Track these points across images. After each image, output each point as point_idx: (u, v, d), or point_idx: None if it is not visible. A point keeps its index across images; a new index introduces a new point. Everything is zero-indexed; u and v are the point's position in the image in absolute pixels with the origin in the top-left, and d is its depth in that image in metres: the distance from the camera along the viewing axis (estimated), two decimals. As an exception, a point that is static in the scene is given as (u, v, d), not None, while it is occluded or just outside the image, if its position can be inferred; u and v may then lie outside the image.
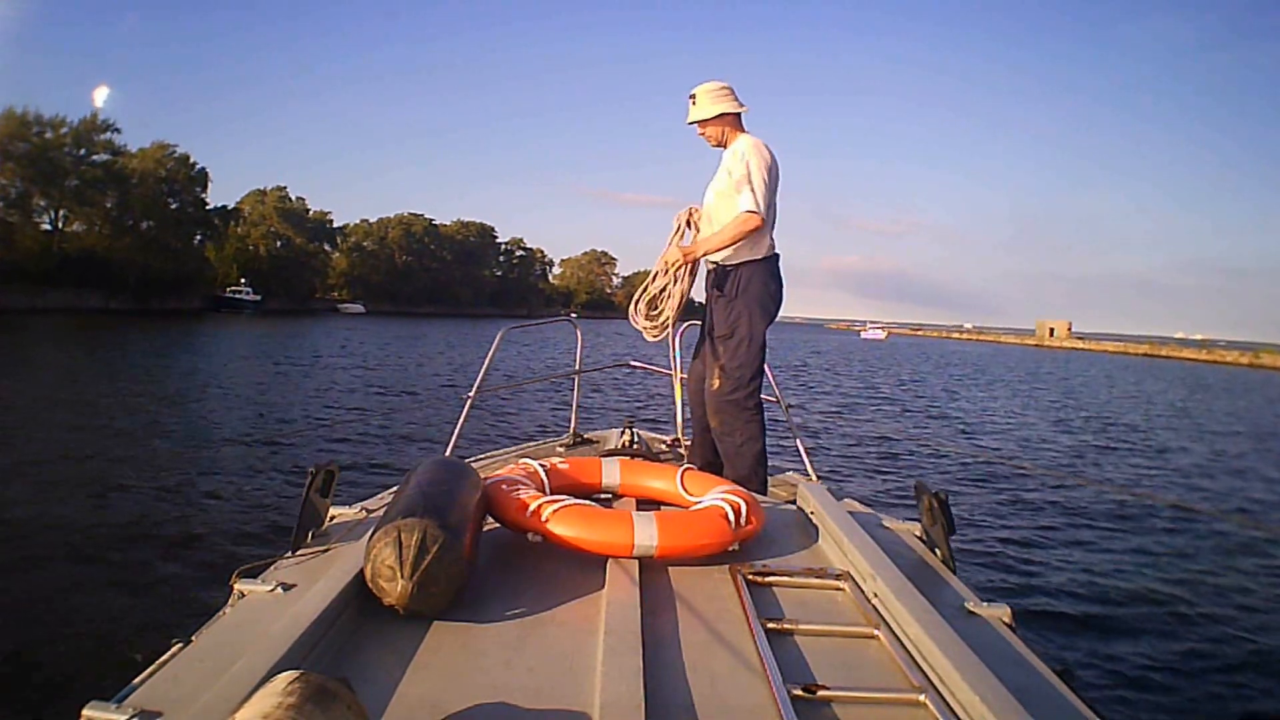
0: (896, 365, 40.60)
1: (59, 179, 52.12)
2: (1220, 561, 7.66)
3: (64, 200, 53.28)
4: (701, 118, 3.26)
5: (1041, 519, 8.76)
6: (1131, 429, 18.81)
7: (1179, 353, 79.32)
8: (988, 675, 1.36)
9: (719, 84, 3.28)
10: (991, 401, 23.88)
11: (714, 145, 3.34)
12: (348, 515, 2.34)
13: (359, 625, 1.59)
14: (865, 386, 26.75)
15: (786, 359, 37.71)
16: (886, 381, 29.45)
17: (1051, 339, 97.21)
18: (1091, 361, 60.66)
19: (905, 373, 35.05)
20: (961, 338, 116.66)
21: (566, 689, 1.39)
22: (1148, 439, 17.09)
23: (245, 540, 6.25)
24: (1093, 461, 13.74)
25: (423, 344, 36.99)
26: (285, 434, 11.18)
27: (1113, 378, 40.99)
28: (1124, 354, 79.98)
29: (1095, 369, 48.83)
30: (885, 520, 2.42)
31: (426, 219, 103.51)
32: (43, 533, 6.27)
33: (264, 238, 77.71)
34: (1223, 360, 70.39)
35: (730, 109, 3.25)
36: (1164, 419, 21.74)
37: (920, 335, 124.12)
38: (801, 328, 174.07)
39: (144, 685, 1.34)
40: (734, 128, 3.29)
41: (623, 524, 1.92)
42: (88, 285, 51.14)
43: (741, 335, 3.20)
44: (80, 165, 53.61)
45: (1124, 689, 4.75)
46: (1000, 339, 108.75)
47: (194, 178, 64.34)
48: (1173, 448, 15.98)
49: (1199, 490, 11.80)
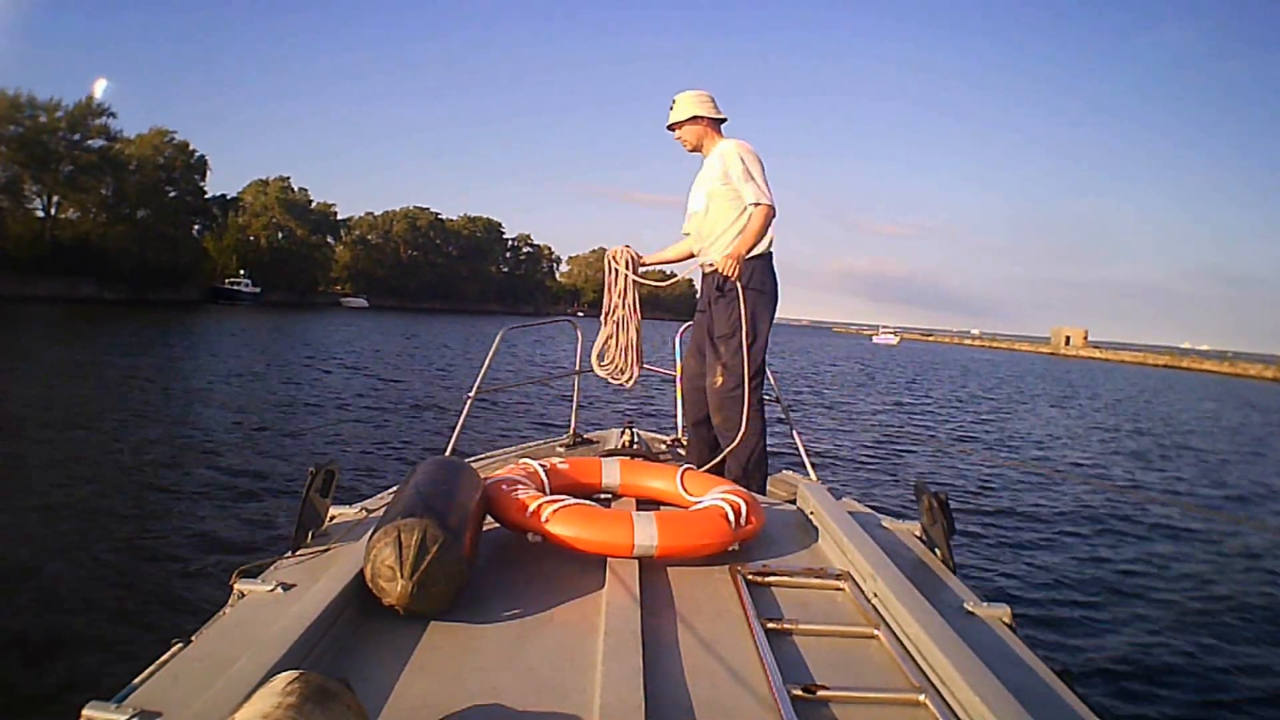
0: (925, 378, 35.10)
1: (52, 164, 50.94)
2: (1221, 562, 7.66)
3: (57, 186, 51.84)
4: (677, 119, 3.36)
5: (1042, 519, 8.75)
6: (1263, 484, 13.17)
7: (1200, 365, 75.79)
8: (988, 675, 1.36)
9: (697, 91, 3.38)
10: (1053, 425, 19.68)
11: (689, 149, 3.42)
12: (348, 515, 2.34)
13: (359, 625, 1.59)
14: (899, 405, 21.96)
15: (795, 365, 34.84)
16: (920, 396, 24.96)
17: (1067, 347, 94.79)
18: (1114, 373, 57.75)
19: (942, 389, 29.49)
20: (973, 344, 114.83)
21: (566, 689, 1.39)
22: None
23: (245, 540, 6.25)
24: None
25: (424, 340, 36.75)
26: (285, 433, 11.18)
27: (1151, 392, 37.80)
28: (1143, 364, 77.45)
29: (1126, 382, 45.83)
30: (885, 520, 2.42)
31: (432, 213, 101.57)
32: (41, 534, 6.26)
33: (265, 229, 75.97)
34: (1246, 374, 67.14)
35: (706, 113, 3.33)
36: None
37: (931, 341, 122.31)
38: (807, 331, 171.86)
39: (144, 685, 1.34)
40: (713, 132, 3.37)
41: (623, 524, 1.92)
42: (81, 274, 49.78)
43: (745, 332, 3.22)
44: (74, 150, 52.26)
45: (1124, 689, 4.75)
46: (1014, 346, 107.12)
47: (193, 165, 62.71)
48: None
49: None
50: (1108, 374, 54.94)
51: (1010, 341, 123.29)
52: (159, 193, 59.29)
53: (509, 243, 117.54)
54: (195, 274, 62.42)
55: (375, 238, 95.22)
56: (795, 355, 47.18)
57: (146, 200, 57.64)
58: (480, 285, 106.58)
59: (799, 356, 45.92)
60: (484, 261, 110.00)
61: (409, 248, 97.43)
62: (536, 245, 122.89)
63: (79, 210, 53.93)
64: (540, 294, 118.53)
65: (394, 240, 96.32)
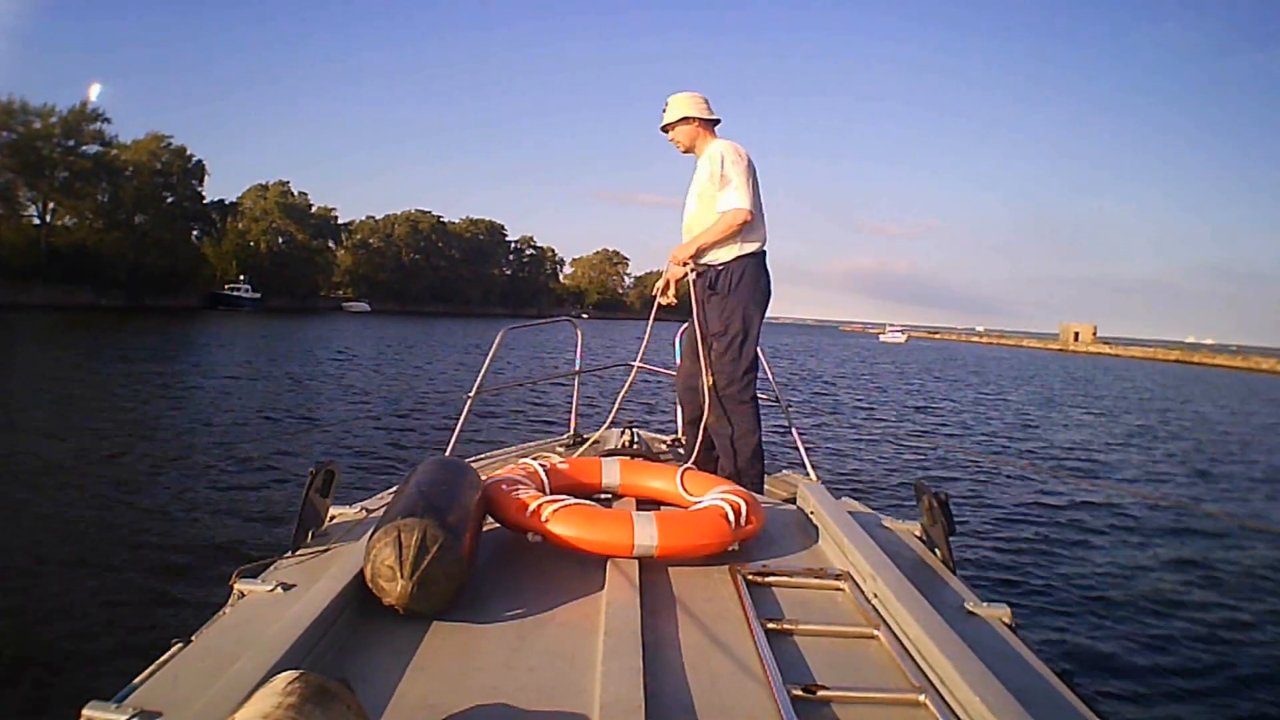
0: (943, 376, 33.57)
1: (47, 170, 50.57)
2: (1222, 562, 7.65)
3: (52, 193, 51.73)
4: (669, 120, 3.39)
5: (1042, 519, 8.75)
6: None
7: (1212, 360, 73.45)
8: (988, 675, 1.36)
9: (691, 93, 3.40)
10: (1089, 431, 17.74)
11: (683, 150, 3.45)
12: (348, 515, 2.34)
13: (359, 625, 1.59)
14: (926, 407, 20.53)
15: (808, 366, 33.79)
16: (947, 400, 23.02)
17: (1076, 343, 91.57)
18: (1127, 369, 55.51)
19: (961, 387, 28.05)
20: (980, 341, 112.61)
21: (566, 689, 1.39)
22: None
23: (245, 540, 6.25)
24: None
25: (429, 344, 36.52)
26: (285, 434, 11.18)
27: (1172, 389, 35.67)
28: (1154, 360, 74.54)
29: (1143, 378, 43.88)
30: (885, 520, 2.42)
31: (434, 216, 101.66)
32: (42, 534, 6.26)
33: (265, 234, 75.74)
34: (1259, 368, 64.59)
35: (698, 114, 3.35)
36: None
37: (938, 339, 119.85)
38: (814, 330, 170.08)
39: (144, 685, 1.34)
40: (706, 133, 3.39)
41: (623, 524, 1.92)
42: (77, 281, 49.57)
43: (736, 330, 3.24)
44: (69, 156, 51.94)
45: (1124, 689, 4.75)
46: (1021, 343, 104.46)
47: (190, 170, 62.48)
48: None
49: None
50: (1125, 370, 53.27)
51: (1017, 338, 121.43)
52: (156, 198, 59.15)
53: (512, 245, 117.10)
54: (194, 280, 62.36)
55: (377, 241, 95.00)
56: (806, 355, 46.16)
57: (143, 206, 57.42)
58: (483, 288, 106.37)
59: (810, 357, 44.68)
60: (486, 264, 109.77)
61: (411, 251, 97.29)
62: (540, 247, 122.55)
63: (75, 217, 53.51)
64: (544, 296, 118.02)
65: (396, 244, 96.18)
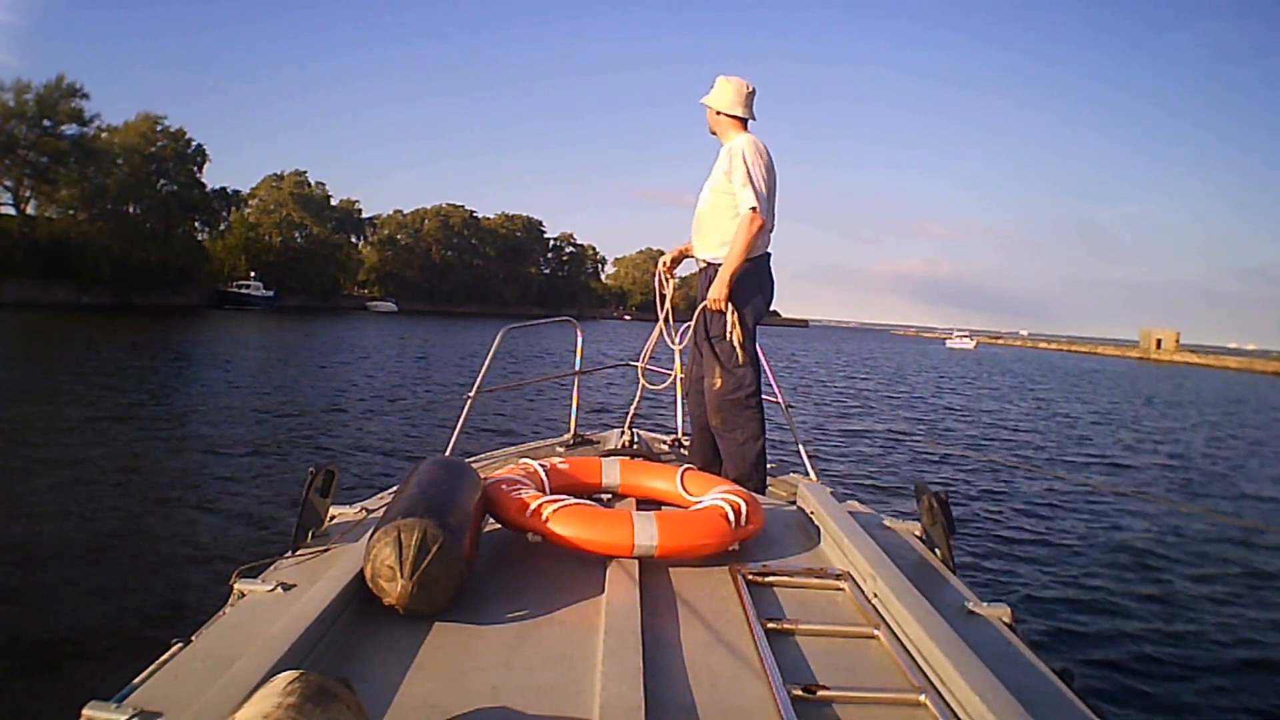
0: (1087, 398, 27.87)
1: (19, 152, 44.86)
2: (1221, 562, 7.65)
3: (24, 177, 45.84)
4: (708, 102, 3.31)
5: (1042, 519, 8.76)
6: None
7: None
8: (988, 675, 1.36)
9: (738, 82, 3.29)
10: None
11: (710, 132, 3.38)
12: (348, 515, 2.34)
13: (359, 625, 1.59)
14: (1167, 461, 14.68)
15: (900, 384, 28.31)
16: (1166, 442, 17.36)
17: (1158, 351, 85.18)
18: (1230, 381, 50.58)
19: (1136, 415, 22.53)
20: (1050, 348, 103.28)
21: (566, 689, 1.39)
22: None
23: (245, 540, 6.26)
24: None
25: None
26: (285, 434, 11.18)
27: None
28: (1249, 371, 68.55)
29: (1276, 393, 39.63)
30: (885, 520, 2.42)
31: (466, 210, 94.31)
32: (42, 535, 6.27)
33: (278, 226, 69.23)
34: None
35: (726, 110, 3.28)
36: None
37: (1000, 344, 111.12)
38: (859, 334, 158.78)
39: (144, 685, 1.34)
40: (734, 124, 3.31)
41: (623, 524, 1.91)
42: (56, 276, 44.18)
43: (735, 334, 3.21)
44: (44, 137, 45.99)
45: (1124, 689, 4.75)
46: (1097, 350, 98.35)
47: (188, 156, 55.72)
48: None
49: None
50: (1235, 384, 47.39)
51: (1092, 345, 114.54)
52: (148, 185, 52.63)
53: (550, 243, 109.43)
54: (193, 276, 56.19)
55: (404, 237, 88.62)
56: (886, 367, 39.75)
57: (133, 194, 51.18)
58: (519, 287, 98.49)
59: (871, 369, 37.67)
60: (523, 262, 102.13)
61: (441, 247, 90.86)
62: (580, 245, 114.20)
63: (51, 205, 47.38)
64: (584, 296, 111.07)
65: (425, 240, 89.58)
